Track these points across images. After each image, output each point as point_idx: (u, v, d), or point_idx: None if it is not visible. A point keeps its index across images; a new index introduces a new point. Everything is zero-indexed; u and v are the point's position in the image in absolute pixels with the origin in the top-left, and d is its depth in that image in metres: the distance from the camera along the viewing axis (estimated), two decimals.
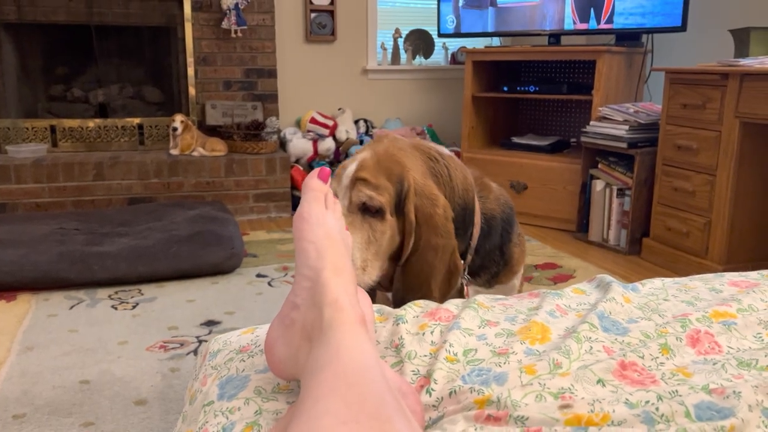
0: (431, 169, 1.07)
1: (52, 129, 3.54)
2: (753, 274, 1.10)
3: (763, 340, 0.84)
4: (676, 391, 0.70)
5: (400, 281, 1.07)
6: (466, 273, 1.18)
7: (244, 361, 0.85)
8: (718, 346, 0.82)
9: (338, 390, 0.57)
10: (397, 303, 1.04)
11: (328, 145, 3.85)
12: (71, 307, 2.24)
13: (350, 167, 1.02)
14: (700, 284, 1.05)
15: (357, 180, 1.00)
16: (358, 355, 0.62)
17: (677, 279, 1.10)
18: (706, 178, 2.53)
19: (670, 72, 2.68)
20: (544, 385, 0.72)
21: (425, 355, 0.83)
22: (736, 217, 2.49)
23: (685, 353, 0.80)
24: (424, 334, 0.88)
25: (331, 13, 3.99)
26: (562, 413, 0.66)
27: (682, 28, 3.00)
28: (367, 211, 1.02)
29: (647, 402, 0.68)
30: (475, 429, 0.65)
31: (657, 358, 0.79)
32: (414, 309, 0.94)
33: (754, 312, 0.91)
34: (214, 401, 0.77)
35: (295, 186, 3.59)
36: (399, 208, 1.04)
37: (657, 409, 0.65)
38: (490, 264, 1.22)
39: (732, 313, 0.89)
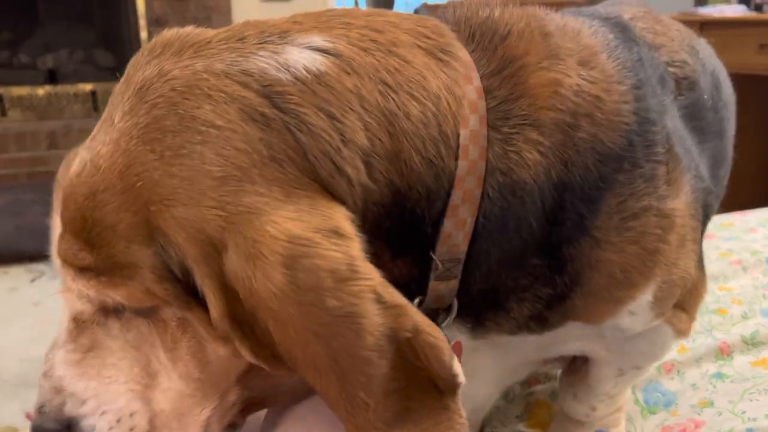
0: (267, 138, 0.44)
1: (0, 98, 3.39)
2: None
3: None
4: None
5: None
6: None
7: None
8: None
9: None
10: None
11: None
12: (32, 280, 2.18)
13: (56, 219, 0.47)
14: None
15: (63, 263, 0.46)
16: None
17: None
18: None
19: None
20: None
21: None
22: None
23: None
24: None
25: None
26: None
27: None
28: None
29: None
30: None
31: None
32: None
33: None
34: None
35: None
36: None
37: None
38: (517, 285, 0.54)
39: None
